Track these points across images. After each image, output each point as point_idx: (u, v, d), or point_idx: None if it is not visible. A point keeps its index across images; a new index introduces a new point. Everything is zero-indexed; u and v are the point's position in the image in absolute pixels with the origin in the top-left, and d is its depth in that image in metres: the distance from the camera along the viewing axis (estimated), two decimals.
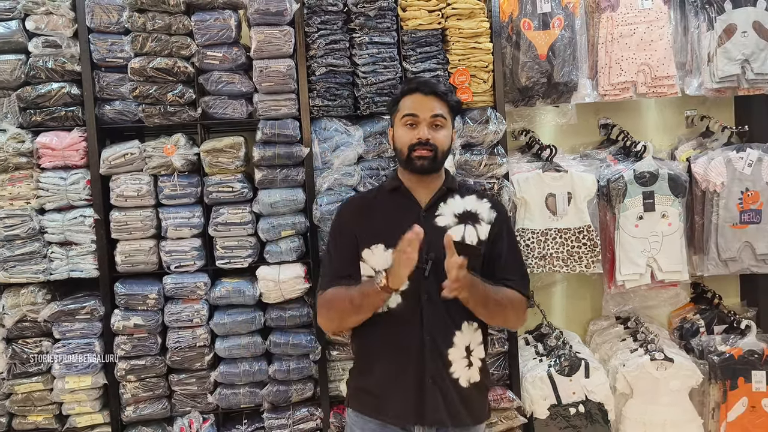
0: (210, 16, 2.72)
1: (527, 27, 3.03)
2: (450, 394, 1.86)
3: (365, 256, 1.90)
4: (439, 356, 1.86)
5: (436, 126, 1.88)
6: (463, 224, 1.89)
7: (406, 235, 1.67)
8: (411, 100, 1.90)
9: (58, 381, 2.79)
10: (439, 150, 1.88)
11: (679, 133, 3.52)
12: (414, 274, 1.79)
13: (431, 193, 1.93)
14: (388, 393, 1.87)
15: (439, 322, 1.86)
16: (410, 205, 1.93)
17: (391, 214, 1.93)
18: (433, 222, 1.88)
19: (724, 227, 3.15)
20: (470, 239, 1.87)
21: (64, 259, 2.79)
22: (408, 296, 1.85)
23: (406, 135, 1.88)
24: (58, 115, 2.76)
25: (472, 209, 1.92)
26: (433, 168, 1.90)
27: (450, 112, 1.92)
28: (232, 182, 2.81)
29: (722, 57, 3.12)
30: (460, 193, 1.96)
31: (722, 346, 3.14)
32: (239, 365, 2.85)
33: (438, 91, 1.90)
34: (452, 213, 1.91)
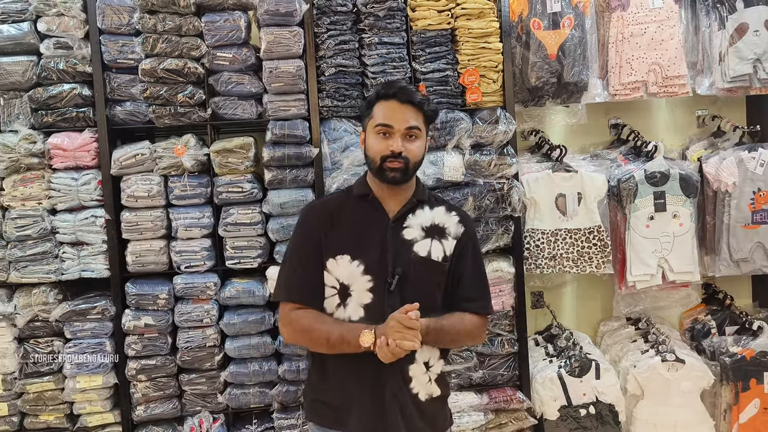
0: (220, 17, 2.73)
1: (537, 27, 3.02)
2: (409, 410, 1.82)
3: (330, 267, 1.82)
4: (400, 372, 1.80)
5: (411, 137, 1.81)
6: (429, 238, 1.84)
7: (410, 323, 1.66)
8: (386, 108, 1.80)
9: (70, 380, 2.80)
10: (411, 162, 1.81)
11: (690, 132, 3.50)
12: (379, 288, 1.78)
13: (400, 204, 1.86)
14: (347, 406, 1.82)
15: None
16: (378, 216, 1.86)
17: (358, 224, 1.85)
18: (401, 234, 1.83)
19: (736, 227, 3.12)
20: (436, 255, 1.83)
21: (75, 259, 2.80)
22: (371, 310, 1.79)
23: (378, 145, 1.80)
24: (69, 116, 2.78)
25: (440, 223, 1.87)
26: (404, 179, 1.83)
27: (425, 122, 1.85)
28: (241, 182, 2.81)
29: (734, 56, 3.10)
30: (429, 204, 1.90)
31: (734, 348, 3.12)
32: (249, 365, 2.85)
33: (415, 100, 1.81)
34: (420, 225, 1.85)
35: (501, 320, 3.00)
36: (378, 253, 1.81)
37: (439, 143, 2.87)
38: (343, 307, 1.81)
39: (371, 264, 1.80)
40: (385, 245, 1.81)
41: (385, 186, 1.85)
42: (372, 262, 1.80)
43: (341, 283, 1.81)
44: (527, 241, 3.05)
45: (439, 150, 2.90)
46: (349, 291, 1.81)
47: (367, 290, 1.80)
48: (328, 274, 1.83)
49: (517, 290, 3.00)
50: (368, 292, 1.80)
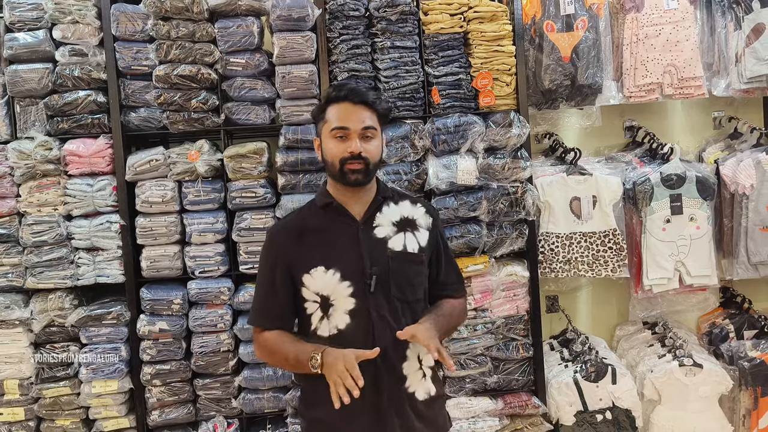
0: (233, 23, 2.74)
1: (550, 29, 3.00)
2: (406, 413, 1.79)
3: (306, 282, 1.79)
4: (393, 372, 1.78)
5: (367, 137, 1.77)
6: (402, 232, 1.84)
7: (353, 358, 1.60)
8: (339, 110, 1.77)
9: (85, 385, 2.82)
10: (371, 162, 1.77)
11: (706, 134, 3.47)
12: (359, 292, 1.76)
13: (365, 206, 1.83)
14: (344, 421, 1.76)
15: (391, 336, 1.75)
16: (345, 221, 1.82)
17: (326, 233, 1.83)
18: (372, 234, 1.81)
19: (754, 230, 3.08)
20: (411, 247, 1.83)
21: (90, 265, 2.82)
22: (356, 315, 1.77)
23: (336, 148, 1.76)
24: (84, 123, 2.80)
25: (409, 215, 1.87)
26: (366, 180, 1.80)
27: (379, 121, 1.82)
28: (255, 187, 2.82)
29: (750, 57, 3.07)
30: (393, 200, 1.89)
31: (752, 352, 3.08)
32: (263, 370, 2.86)
33: (368, 100, 1.78)
34: (390, 222, 1.84)
35: (516, 325, 2.97)
36: (352, 257, 1.78)
37: (453, 147, 2.86)
38: (327, 319, 1.78)
39: (347, 270, 1.77)
40: (358, 248, 1.79)
41: (347, 190, 1.82)
42: (348, 267, 1.78)
43: (321, 295, 1.78)
44: (542, 244, 3.03)
45: (452, 154, 2.88)
46: (330, 301, 1.78)
47: (348, 296, 1.77)
48: (306, 290, 1.79)
49: (532, 294, 2.98)
50: (350, 297, 1.77)
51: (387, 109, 1.87)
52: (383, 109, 1.83)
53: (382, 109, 1.83)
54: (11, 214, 2.80)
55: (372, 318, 1.76)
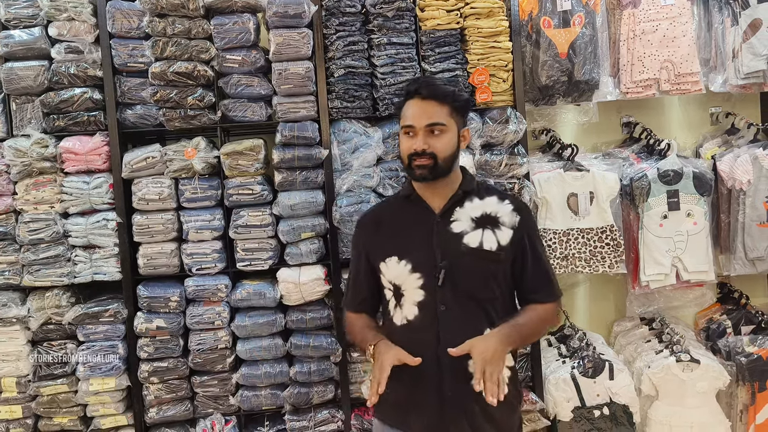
0: (229, 20, 2.73)
1: (547, 25, 3.00)
2: (472, 409, 1.78)
3: (383, 270, 1.87)
4: (460, 368, 1.76)
5: (434, 133, 1.78)
6: (481, 228, 1.81)
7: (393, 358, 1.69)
8: (410, 106, 1.81)
9: (83, 383, 2.82)
10: (439, 157, 1.78)
11: (703, 130, 3.46)
12: (428, 284, 1.78)
13: (445, 199, 1.85)
14: (409, 406, 1.82)
15: (457, 332, 1.75)
16: (424, 213, 1.86)
17: (402, 225, 1.89)
18: (449, 228, 1.82)
19: (751, 226, 3.09)
20: (488, 245, 1.79)
21: (87, 263, 2.82)
22: (424, 307, 1.80)
23: (404, 144, 1.81)
24: (80, 120, 2.79)
25: (492, 212, 1.83)
26: (434, 175, 1.80)
27: (452, 114, 1.80)
28: (252, 185, 2.82)
29: (747, 53, 3.07)
30: (479, 195, 1.87)
31: (750, 347, 3.08)
32: (260, 367, 2.86)
33: (437, 93, 1.79)
34: (469, 217, 1.83)
35: None
36: (425, 249, 1.82)
37: None
38: (400, 308, 1.85)
39: (419, 262, 1.81)
40: (431, 241, 1.81)
41: (424, 184, 1.85)
42: (419, 259, 1.81)
43: (394, 284, 1.86)
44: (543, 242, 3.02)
45: None
46: (401, 291, 1.84)
47: (418, 288, 1.81)
48: (383, 278, 1.88)
49: None
50: (419, 289, 1.81)
51: (461, 101, 1.84)
52: (456, 103, 1.82)
53: (455, 102, 1.81)
54: (8, 212, 2.79)
55: (438, 312, 1.78)
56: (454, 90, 1.88)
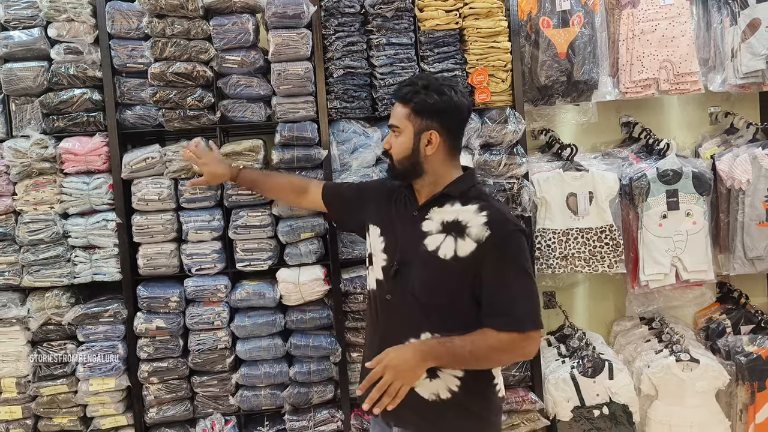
0: (228, 21, 2.73)
1: (546, 25, 3.00)
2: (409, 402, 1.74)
3: (370, 229, 2.01)
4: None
5: (395, 134, 1.87)
6: (445, 234, 1.77)
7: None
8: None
9: (83, 383, 2.82)
10: (394, 159, 1.88)
11: (702, 130, 3.47)
12: (386, 270, 1.85)
13: (426, 197, 1.88)
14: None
15: (395, 324, 1.78)
16: (410, 204, 1.92)
17: (396, 206, 1.97)
18: (420, 225, 1.83)
19: (750, 225, 3.09)
20: (444, 252, 1.74)
21: (87, 263, 2.82)
22: (379, 287, 1.90)
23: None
24: (80, 121, 2.79)
25: (463, 221, 1.75)
26: (392, 175, 1.93)
27: (411, 116, 1.81)
28: None
29: (746, 52, 3.07)
30: (463, 199, 1.80)
31: (749, 347, 3.09)
32: (260, 367, 2.86)
33: (399, 95, 1.84)
34: (441, 220, 1.80)
35: None
36: (394, 237, 1.88)
37: None
38: (370, 271, 1.98)
39: (388, 245, 1.89)
40: (401, 232, 1.86)
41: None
42: (388, 243, 1.89)
43: (370, 249, 1.99)
44: (538, 241, 3.03)
45: None
46: (372, 260, 1.96)
47: (380, 266, 1.90)
48: (368, 236, 2.03)
49: None
50: (380, 269, 1.90)
51: (420, 104, 1.79)
52: (413, 103, 1.80)
53: (412, 102, 1.80)
54: (7, 212, 2.79)
55: (384, 299, 1.85)
56: (415, 91, 1.79)
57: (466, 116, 1.90)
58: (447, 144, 1.84)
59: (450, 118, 1.82)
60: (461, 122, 1.88)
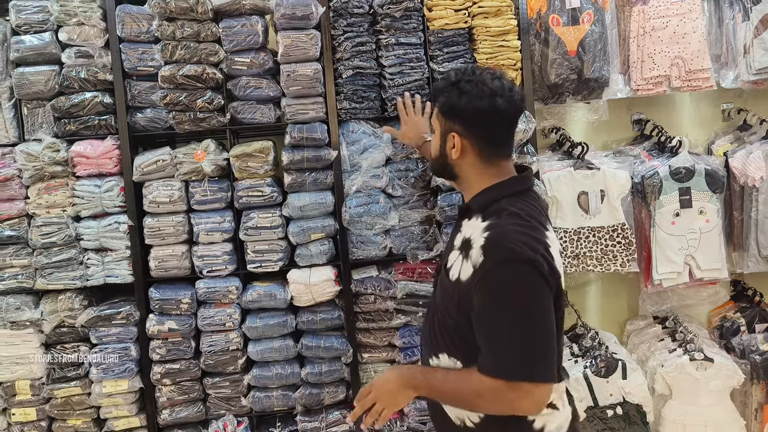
0: (237, 23, 2.74)
1: (556, 23, 2.98)
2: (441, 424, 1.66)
3: None
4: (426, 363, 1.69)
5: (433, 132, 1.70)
6: (459, 251, 1.56)
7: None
8: None
9: (96, 385, 2.84)
10: (431, 159, 1.74)
11: (715, 127, 3.44)
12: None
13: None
14: None
15: (426, 339, 1.70)
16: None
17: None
18: (454, 236, 1.65)
19: (765, 223, 3.06)
20: (453, 273, 1.55)
21: (99, 265, 2.83)
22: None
23: None
24: (91, 124, 2.81)
25: (472, 239, 1.52)
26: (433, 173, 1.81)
27: (438, 115, 1.64)
28: (261, 186, 2.82)
29: (759, 48, 3.04)
30: (484, 214, 1.55)
31: (764, 345, 3.06)
32: (272, 368, 2.86)
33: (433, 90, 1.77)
34: (464, 235, 1.58)
35: None
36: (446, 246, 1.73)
37: None
38: None
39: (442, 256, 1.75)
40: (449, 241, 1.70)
41: None
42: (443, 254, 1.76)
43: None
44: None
45: None
46: None
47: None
48: None
49: None
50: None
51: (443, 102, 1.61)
52: (439, 103, 1.62)
53: (439, 102, 1.63)
54: (20, 216, 2.81)
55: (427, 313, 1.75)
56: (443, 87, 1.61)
57: (501, 121, 1.58)
58: (475, 149, 1.59)
59: (475, 122, 1.57)
60: (492, 127, 1.58)
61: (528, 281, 1.42)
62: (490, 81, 1.56)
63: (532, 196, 1.61)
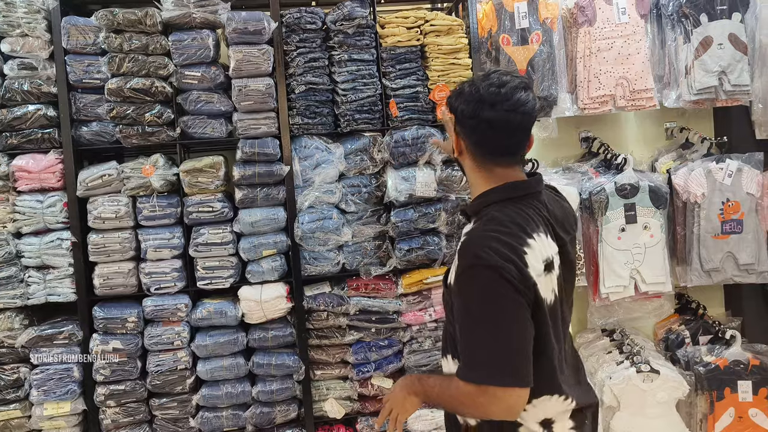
0: (187, 36, 2.70)
1: (506, 42, 3.04)
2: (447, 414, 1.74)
3: None
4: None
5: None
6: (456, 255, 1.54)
7: None
8: None
9: (36, 408, 2.73)
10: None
11: (659, 144, 3.54)
12: None
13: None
14: None
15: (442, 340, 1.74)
16: None
17: None
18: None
19: (706, 238, 3.16)
20: (449, 276, 1.56)
21: (41, 284, 2.74)
22: None
23: None
24: (34, 138, 2.73)
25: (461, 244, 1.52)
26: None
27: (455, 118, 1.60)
28: (212, 202, 2.78)
29: (699, 69, 3.15)
30: (475, 219, 1.58)
31: (708, 357, 3.14)
32: (222, 387, 2.81)
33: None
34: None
35: None
36: None
37: (411, 159, 2.87)
38: None
39: None
40: None
41: None
42: None
43: None
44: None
45: (411, 166, 2.89)
46: None
47: None
48: None
49: None
50: None
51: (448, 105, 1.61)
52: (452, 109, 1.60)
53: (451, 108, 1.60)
54: None
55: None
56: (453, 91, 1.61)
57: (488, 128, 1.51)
58: (470, 151, 1.59)
59: (463, 125, 1.57)
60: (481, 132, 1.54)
61: (491, 286, 1.40)
62: (486, 87, 1.51)
63: (529, 203, 1.54)
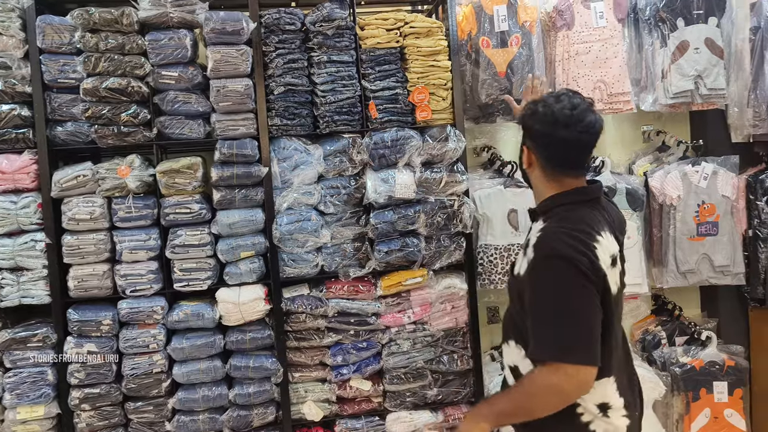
0: (164, 36, 2.68)
1: (486, 45, 3.05)
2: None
3: None
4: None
5: None
6: (523, 250, 1.74)
7: None
8: None
9: (9, 411, 2.69)
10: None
11: (636, 147, 3.58)
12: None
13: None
14: None
15: (503, 327, 1.85)
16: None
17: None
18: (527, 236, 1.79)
19: (682, 240, 3.19)
20: (517, 269, 1.73)
21: (14, 286, 2.70)
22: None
23: None
24: (8, 138, 2.69)
25: (531, 239, 1.69)
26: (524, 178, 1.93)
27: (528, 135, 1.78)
28: (189, 203, 2.76)
29: (676, 73, 3.18)
30: (546, 217, 1.73)
31: (684, 358, 3.17)
32: (198, 391, 2.78)
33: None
34: (527, 238, 1.76)
35: (455, 337, 2.99)
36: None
37: (390, 161, 2.87)
38: None
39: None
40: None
41: None
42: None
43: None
44: (480, 256, 3.06)
45: (390, 168, 2.89)
46: None
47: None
48: None
49: (470, 306, 3.00)
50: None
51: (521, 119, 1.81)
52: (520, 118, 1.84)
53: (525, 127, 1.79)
54: None
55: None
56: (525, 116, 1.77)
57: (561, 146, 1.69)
58: (540, 164, 1.75)
59: (537, 143, 1.74)
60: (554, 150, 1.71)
61: (566, 275, 1.56)
62: (560, 109, 1.67)
63: (595, 206, 1.73)
